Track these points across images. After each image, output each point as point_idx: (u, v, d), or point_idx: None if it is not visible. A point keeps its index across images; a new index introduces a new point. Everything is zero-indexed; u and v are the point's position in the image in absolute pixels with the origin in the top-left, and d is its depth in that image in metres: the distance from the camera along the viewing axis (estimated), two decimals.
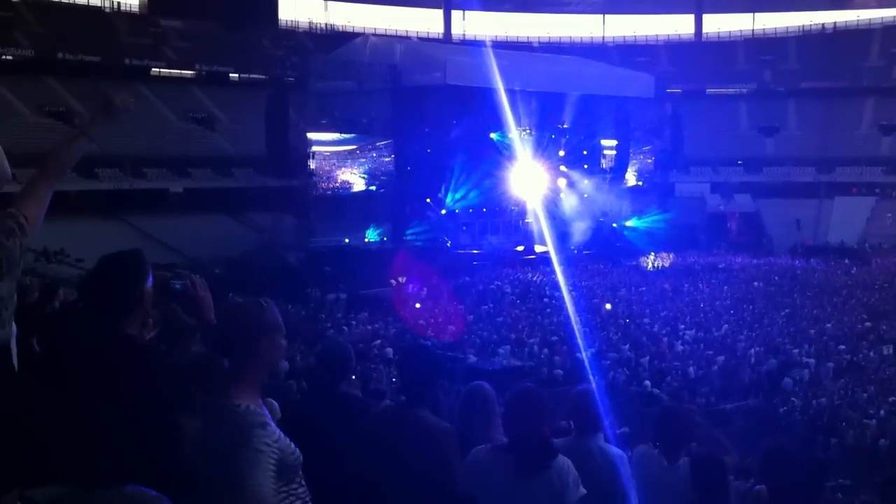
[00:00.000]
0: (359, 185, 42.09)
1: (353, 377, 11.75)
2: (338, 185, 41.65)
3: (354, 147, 41.58)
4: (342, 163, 41.72)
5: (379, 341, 21.40)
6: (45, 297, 6.89)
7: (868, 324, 25.23)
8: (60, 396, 3.26)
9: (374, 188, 41.65)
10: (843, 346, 21.91)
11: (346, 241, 40.17)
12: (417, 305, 28.16)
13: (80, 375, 3.28)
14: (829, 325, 24.85)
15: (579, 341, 19.29)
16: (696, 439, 5.53)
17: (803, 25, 70.11)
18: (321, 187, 40.84)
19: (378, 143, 41.62)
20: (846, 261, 41.95)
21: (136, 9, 58.79)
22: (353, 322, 25.70)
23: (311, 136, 39.95)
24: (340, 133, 40.70)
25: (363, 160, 42.13)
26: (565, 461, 4.02)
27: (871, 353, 21.40)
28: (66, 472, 3.11)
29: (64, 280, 20.90)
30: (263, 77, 56.70)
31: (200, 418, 3.14)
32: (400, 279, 32.91)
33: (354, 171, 42.14)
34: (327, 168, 41.22)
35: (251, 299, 3.17)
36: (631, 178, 50.88)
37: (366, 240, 40.98)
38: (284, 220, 43.27)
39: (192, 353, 3.93)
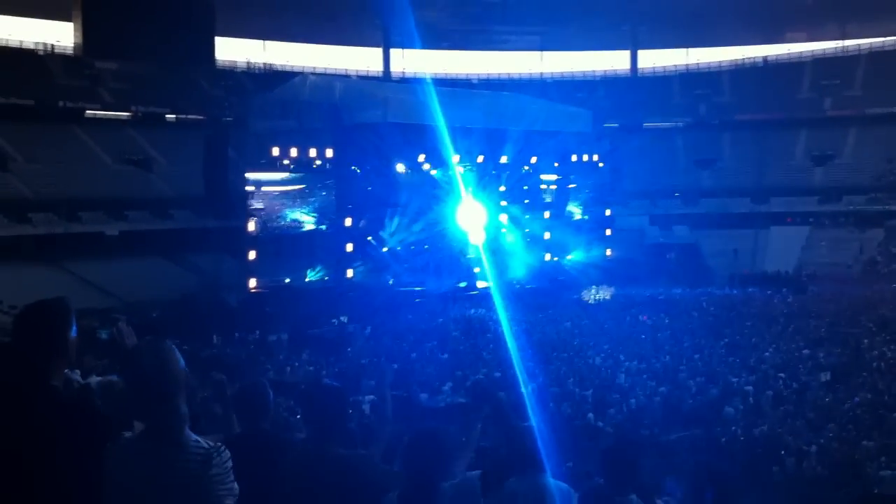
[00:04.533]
0: (309, 223, 41.64)
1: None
2: (287, 224, 41.17)
3: (303, 186, 41.17)
4: (292, 202, 41.25)
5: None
6: None
7: (806, 351, 25.53)
8: None
9: (324, 227, 41.21)
10: (782, 374, 22.12)
11: (287, 280, 39.78)
12: None
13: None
14: (767, 354, 25.10)
15: (521, 377, 19.20)
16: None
17: (736, 60, 71.81)
18: (270, 227, 40.32)
19: (327, 182, 41.24)
20: (783, 289, 42.57)
21: (70, 51, 58.05)
22: (297, 363, 25.39)
23: (257, 175, 39.50)
24: (280, 172, 40.34)
25: (312, 199, 41.69)
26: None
27: (810, 381, 21.64)
28: None
29: None
30: (201, 117, 56.34)
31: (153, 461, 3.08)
32: None
33: (304, 210, 41.66)
34: (277, 207, 40.74)
35: (159, 340, 3.14)
36: (571, 213, 51.25)
37: (307, 279, 40.59)
38: (224, 261, 42.73)
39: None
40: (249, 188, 39.12)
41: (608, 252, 49.19)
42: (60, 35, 58.97)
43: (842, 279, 45.78)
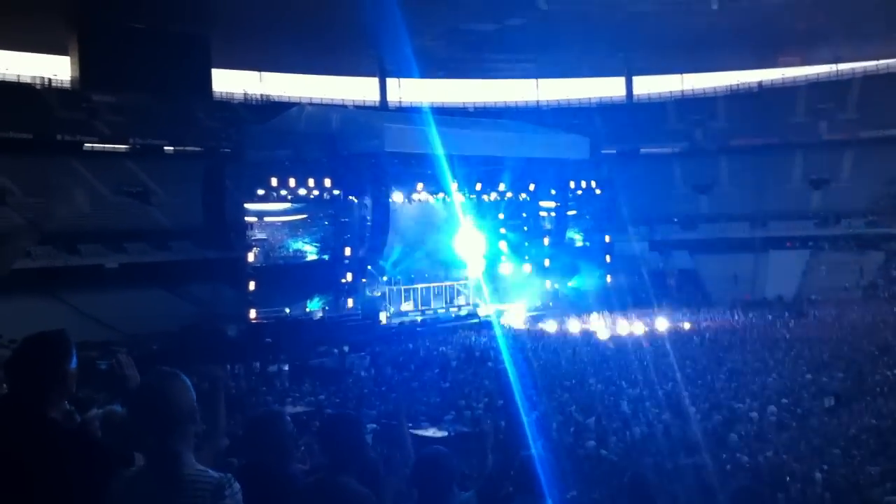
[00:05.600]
0: (311, 253, 41.58)
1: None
2: (289, 254, 41.14)
3: (305, 216, 41.16)
4: (294, 232, 41.24)
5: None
6: None
7: (809, 376, 25.41)
8: None
9: (326, 257, 41.20)
10: (786, 400, 22.00)
11: (287, 311, 39.69)
12: None
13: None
14: (770, 379, 25.00)
15: (522, 405, 19.09)
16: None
17: (731, 85, 72.21)
18: (272, 256, 40.29)
19: (328, 212, 41.28)
20: (785, 314, 42.48)
21: (67, 84, 58.27)
22: (297, 394, 25.25)
23: (259, 206, 39.49)
24: (279, 203, 40.37)
25: (314, 229, 41.67)
26: None
27: (814, 406, 21.51)
28: None
29: None
30: (199, 149, 56.40)
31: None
32: None
33: (305, 240, 41.62)
34: (279, 237, 40.71)
35: (169, 372, 3.11)
36: (571, 239, 51.28)
37: (307, 310, 40.52)
38: (223, 292, 42.65)
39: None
40: (251, 219, 39.14)
41: (608, 278, 49.17)
42: (58, 69, 59.36)
43: (843, 303, 45.69)
